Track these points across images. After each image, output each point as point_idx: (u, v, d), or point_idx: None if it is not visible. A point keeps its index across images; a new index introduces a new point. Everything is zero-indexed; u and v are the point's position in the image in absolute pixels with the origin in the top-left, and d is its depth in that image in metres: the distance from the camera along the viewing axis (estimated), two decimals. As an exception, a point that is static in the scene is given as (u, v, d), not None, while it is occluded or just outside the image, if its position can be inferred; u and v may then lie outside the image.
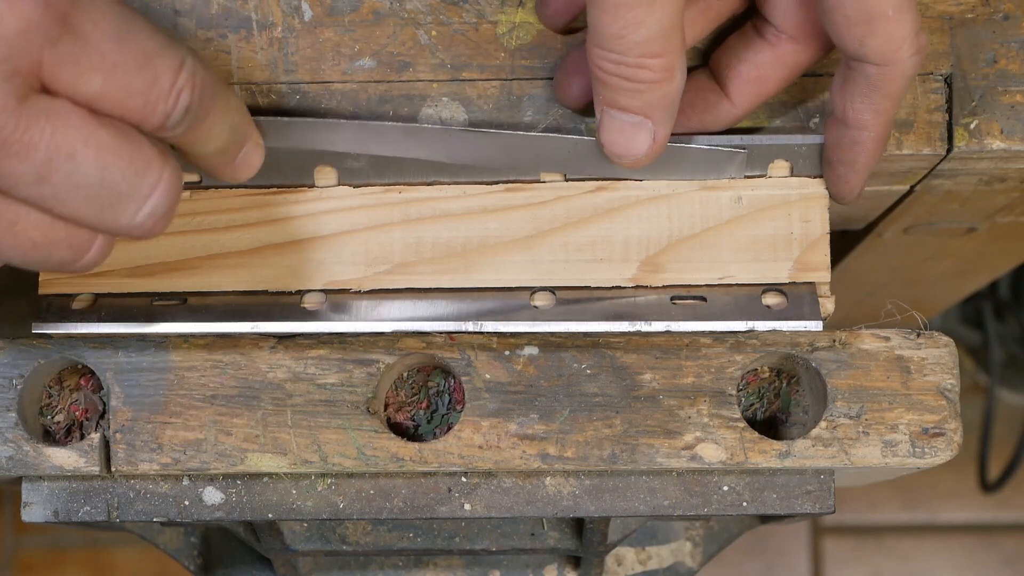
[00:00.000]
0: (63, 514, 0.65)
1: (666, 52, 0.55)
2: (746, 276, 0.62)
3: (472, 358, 0.63)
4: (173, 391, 0.63)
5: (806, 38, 0.60)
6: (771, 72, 0.60)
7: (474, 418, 0.63)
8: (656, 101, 0.56)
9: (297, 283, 0.62)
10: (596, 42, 0.55)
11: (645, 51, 0.55)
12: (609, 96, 0.57)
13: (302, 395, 0.63)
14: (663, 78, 0.55)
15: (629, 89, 0.56)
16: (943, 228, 0.78)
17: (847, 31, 0.56)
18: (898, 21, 0.56)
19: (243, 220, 0.62)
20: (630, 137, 0.58)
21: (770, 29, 0.60)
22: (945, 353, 0.63)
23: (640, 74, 0.55)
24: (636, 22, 0.54)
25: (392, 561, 0.80)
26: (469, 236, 0.62)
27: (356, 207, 0.62)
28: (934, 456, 0.63)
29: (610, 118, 0.57)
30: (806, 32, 0.59)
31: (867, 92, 0.58)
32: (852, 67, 0.57)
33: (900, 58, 0.57)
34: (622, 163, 0.59)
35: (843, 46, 0.57)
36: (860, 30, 0.56)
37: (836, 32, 0.57)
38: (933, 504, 1.78)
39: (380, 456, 0.63)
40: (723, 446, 0.63)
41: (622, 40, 0.54)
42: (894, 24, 0.56)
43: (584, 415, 0.63)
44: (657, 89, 0.56)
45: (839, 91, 0.59)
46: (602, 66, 0.56)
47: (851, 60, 0.57)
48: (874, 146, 0.59)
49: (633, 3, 0.53)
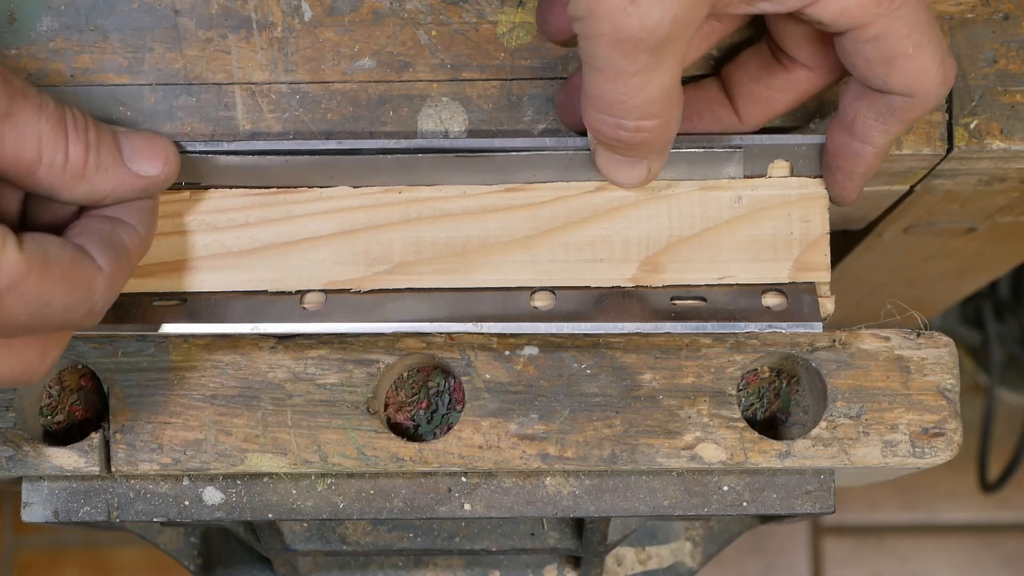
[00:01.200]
0: (63, 514, 0.65)
1: (664, 113, 0.55)
2: (746, 276, 0.62)
3: (472, 358, 0.63)
4: (173, 391, 0.63)
5: (820, 68, 0.59)
6: (782, 95, 0.60)
7: (474, 418, 0.63)
8: (651, 148, 0.57)
9: (297, 283, 0.62)
10: (594, 105, 0.55)
11: (645, 114, 0.54)
12: (605, 144, 0.57)
13: (302, 395, 0.63)
14: (660, 134, 0.55)
15: (626, 145, 0.56)
16: (943, 228, 0.78)
17: (868, 71, 0.55)
18: (920, 56, 0.55)
19: (243, 220, 0.62)
20: (626, 171, 0.58)
21: (784, 55, 0.59)
22: (945, 353, 0.63)
23: (638, 136, 0.55)
24: (637, 88, 0.53)
25: (392, 561, 0.80)
26: (469, 236, 0.62)
27: (356, 207, 0.62)
28: (934, 456, 0.63)
29: (606, 155, 0.58)
30: (820, 63, 0.59)
31: (885, 115, 0.57)
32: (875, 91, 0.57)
33: (926, 91, 0.56)
34: (617, 186, 0.60)
35: (866, 83, 0.56)
36: (882, 70, 0.55)
37: (857, 71, 0.56)
38: (933, 504, 1.78)
39: (380, 456, 0.63)
40: (723, 446, 0.63)
41: (622, 105, 0.54)
42: (916, 60, 0.55)
43: (584, 415, 0.63)
44: (654, 142, 0.56)
45: (853, 101, 0.58)
46: (600, 129, 0.56)
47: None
48: (875, 161, 0.59)
49: (636, 70, 0.52)
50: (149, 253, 0.62)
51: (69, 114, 0.56)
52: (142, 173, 0.58)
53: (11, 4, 0.62)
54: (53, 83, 0.62)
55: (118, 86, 0.62)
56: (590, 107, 0.55)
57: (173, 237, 0.62)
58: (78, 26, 0.62)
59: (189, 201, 0.62)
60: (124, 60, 0.62)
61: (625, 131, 0.55)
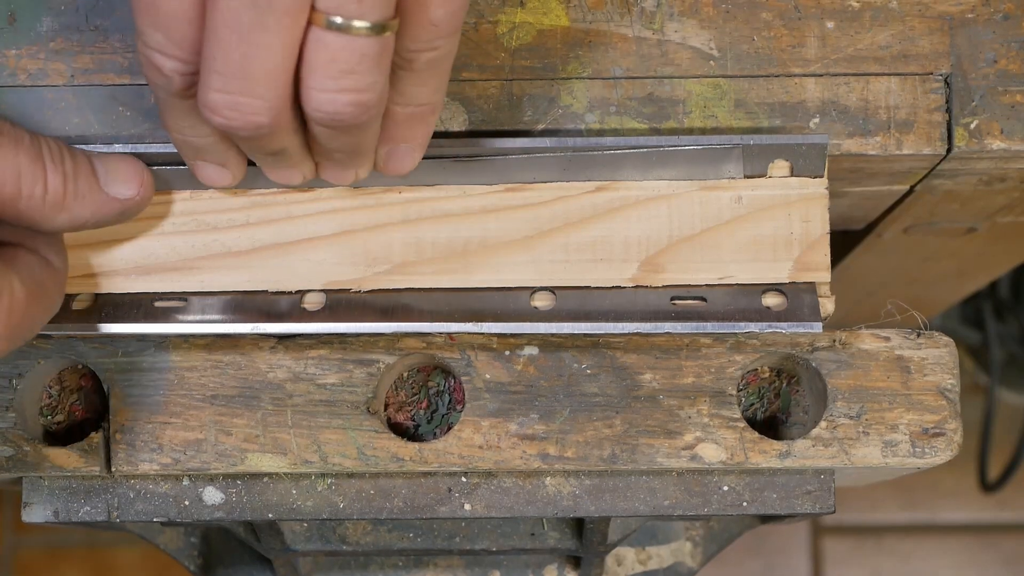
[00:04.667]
0: (63, 514, 0.65)
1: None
2: (746, 276, 0.62)
3: (472, 358, 0.63)
4: (173, 391, 0.63)
5: None
6: None
7: (474, 418, 0.63)
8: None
9: (297, 283, 0.62)
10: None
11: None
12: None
13: (302, 395, 0.63)
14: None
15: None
16: (943, 228, 0.78)
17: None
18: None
19: (243, 220, 0.62)
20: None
21: None
22: (945, 353, 0.63)
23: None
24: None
25: (392, 561, 0.80)
26: (469, 236, 0.62)
27: (356, 207, 0.62)
28: (934, 456, 0.63)
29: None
30: None
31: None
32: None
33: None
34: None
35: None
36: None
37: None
38: (933, 504, 1.78)
39: (380, 456, 0.63)
40: (723, 446, 0.63)
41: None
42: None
43: (584, 415, 0.63)
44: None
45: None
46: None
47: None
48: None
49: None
50: (149, 253, 0.62)
51: (45, 145, 0.57)
52: (120, 196, 0.59)
53: (11, 4, 0.62)
54: (53, 83, 0.62)
55: (118, 86, 0.62)
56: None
57: (173, 237, 0.62)
58: (78, 26, 0.62)
59: (189, 201, 0.62)
60: (124, 60, 0.62)
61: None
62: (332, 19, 0.50)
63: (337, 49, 0.51)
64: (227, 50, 0.50)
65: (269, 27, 0.50)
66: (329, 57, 0.51)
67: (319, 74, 0.52)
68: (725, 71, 0.63)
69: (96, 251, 0.62)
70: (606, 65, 0.63)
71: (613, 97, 0.62)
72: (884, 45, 0.63)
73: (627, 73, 0.63)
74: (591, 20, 0.63)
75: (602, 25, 0.63)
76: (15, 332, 0.56)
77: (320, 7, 0.50)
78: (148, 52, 0.53)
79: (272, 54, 0.51)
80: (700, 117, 0.62)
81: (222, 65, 0.51)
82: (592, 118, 0.62)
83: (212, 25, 0.50)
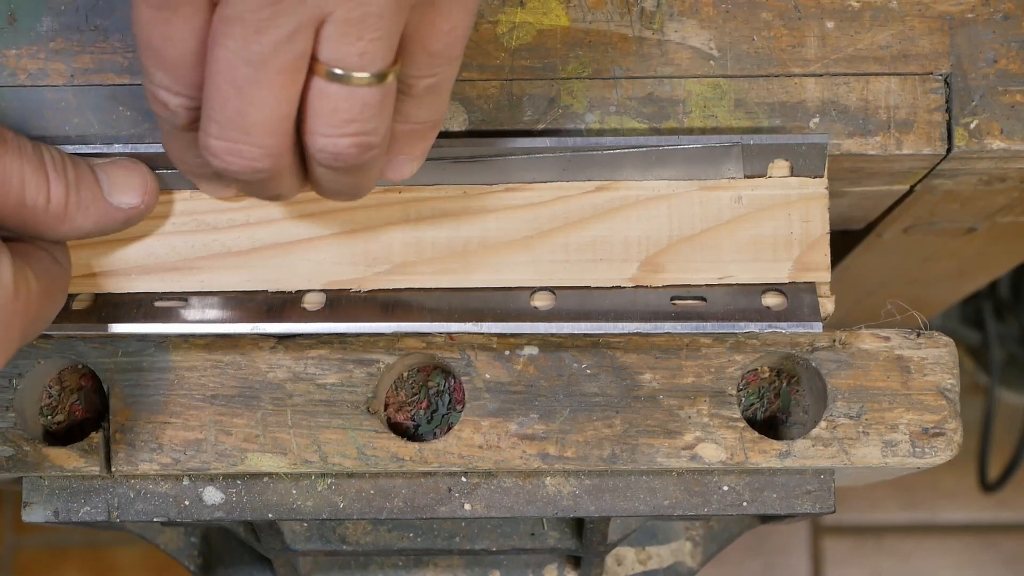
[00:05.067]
0: (63, 514, 0.65)
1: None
2: (746, 276, 0.62)
3: (472, 358, 0.63)
4: (173, 391, 0.63)
5: None
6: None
7: (474, 418, 0.63)
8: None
9: (297, 283, 0.62)
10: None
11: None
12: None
13: (302, 395, 0.63)
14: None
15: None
16: (943, 228, 0.78)
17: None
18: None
19: (243, 220, 0.62)
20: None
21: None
22: (945, 353, 0.63)
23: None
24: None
25: (392, 561, 0.80)
26: (469, 236, 0.62)
27: (356, 207, 0.62)
28: (934, 456, 0.63)
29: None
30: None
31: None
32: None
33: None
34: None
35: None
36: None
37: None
38: (933, 504, 1.78)
39: (380, 456, 0.63)
40: (723, 446, 0.63)
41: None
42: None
43: (584, 415, 0.63)
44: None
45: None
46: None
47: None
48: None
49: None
50: (149, 253, 0.62)
51: (47, 154, 0.57)
52: (123, 205, 0.59)
53: (11, 4, 0.62)
54: (53, 83, 0.62)
55: (118, 86, 0.62)
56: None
57: (173, 237, 0.62)
58: (78, 26, 0.62)
59: (189, 201, 0.62)
60: (124, 60, 0.62)
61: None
62: (333, 71, 0.50)
63: (339, 100, 0.51)
64: (224, 102, 0.51)
65: (264, 83, 0.50)
66: (331, 107, 0.51)
67: (322, 121, 0.52)
68: (725, 71, 0.63)
69: (96, 251, 0.62)
70: (606, 65, 0.63)
71: (613, 97, 0.63)
72: (884, 45, 0.63)
73: (627, 73, 0.63)
74: (591, 20, 0.63)
75: (602, 25, 0.63)
76: (30, 327, 0.56)
77: (321, 58, 0.50)
78: (153, 88, 0.53)
79: (268, 107, 0.51)
80: (700, 117, 0.62)
81: (220, 115, 0.51)
82: (592, 118, 0.62)
83: (210, 75, 0.51)
